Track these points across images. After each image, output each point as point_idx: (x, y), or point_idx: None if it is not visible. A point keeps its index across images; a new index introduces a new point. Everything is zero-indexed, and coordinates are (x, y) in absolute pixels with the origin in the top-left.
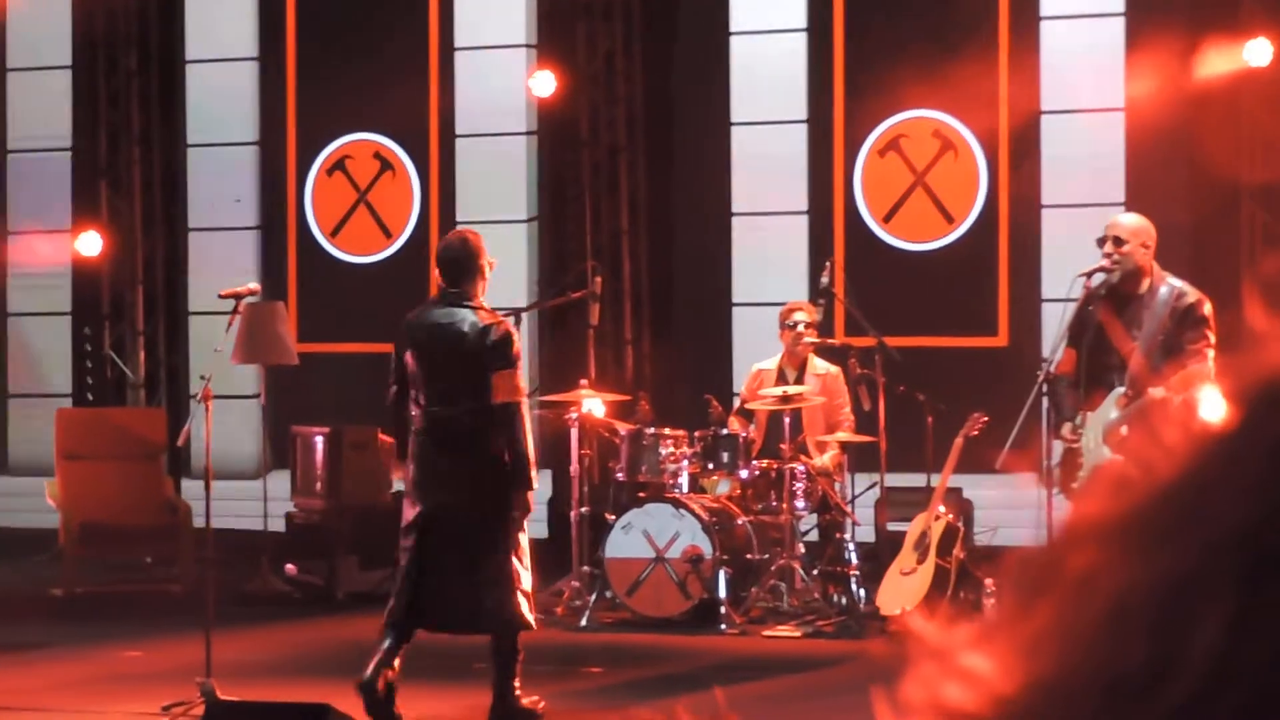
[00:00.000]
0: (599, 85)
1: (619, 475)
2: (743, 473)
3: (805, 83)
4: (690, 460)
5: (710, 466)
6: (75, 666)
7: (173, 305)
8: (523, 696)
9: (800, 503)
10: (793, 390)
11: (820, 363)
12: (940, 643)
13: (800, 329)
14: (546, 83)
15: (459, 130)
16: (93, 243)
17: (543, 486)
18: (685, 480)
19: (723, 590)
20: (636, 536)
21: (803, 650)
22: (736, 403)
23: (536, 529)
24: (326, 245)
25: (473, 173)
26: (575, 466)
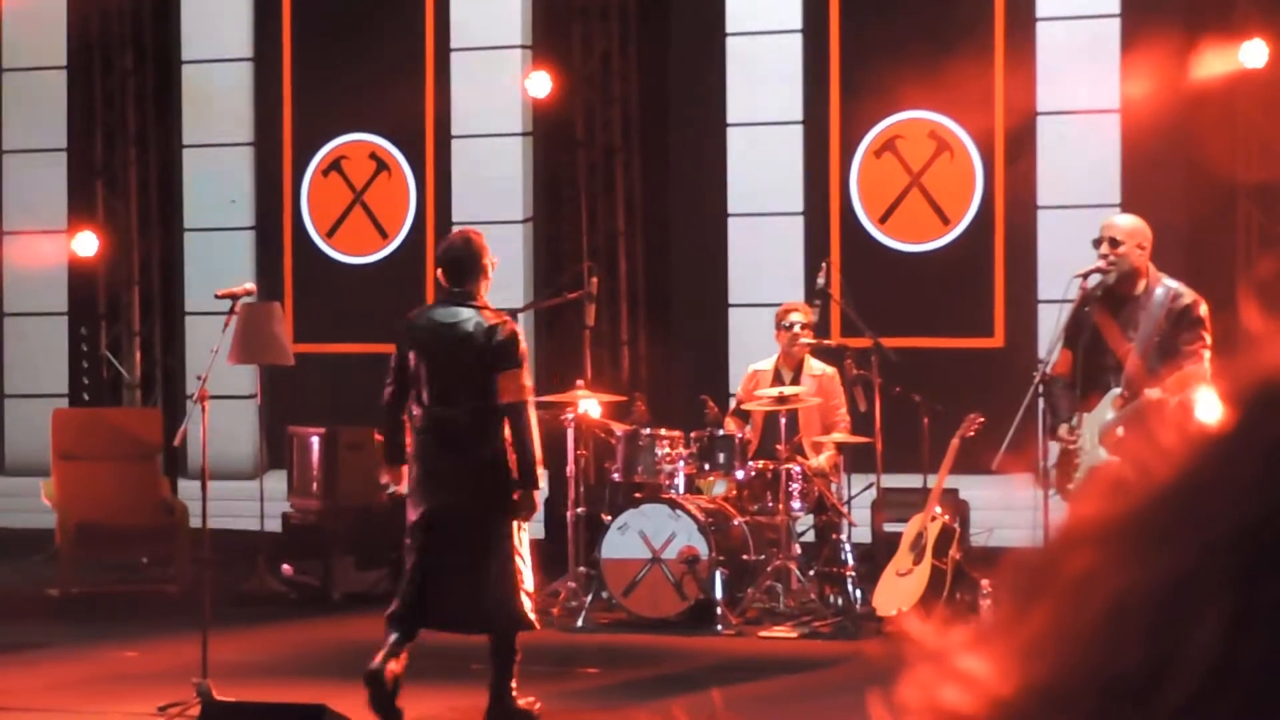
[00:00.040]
0: (595, 86)
1: (615, 476)
2: (739, 473)
3: (801, 84)
4: (686, 461)
5: (706, 467)
6: (71, 667)
7: (169, 306)
8: (519, 697)
9: (796, 503)
10: (789, 391)
11: (816, 363)
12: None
13: (796, 330)
14: (542, 83)
15: (455, 131)
16: (89, 243)
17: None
18: (681, 481)
19: (719, 591)
20: (633, 537)
21: (799, 651)
22: (733, 403)
23: (533, 530)
24: (322, 246)
25: (468, 173)
26: (571, 467)
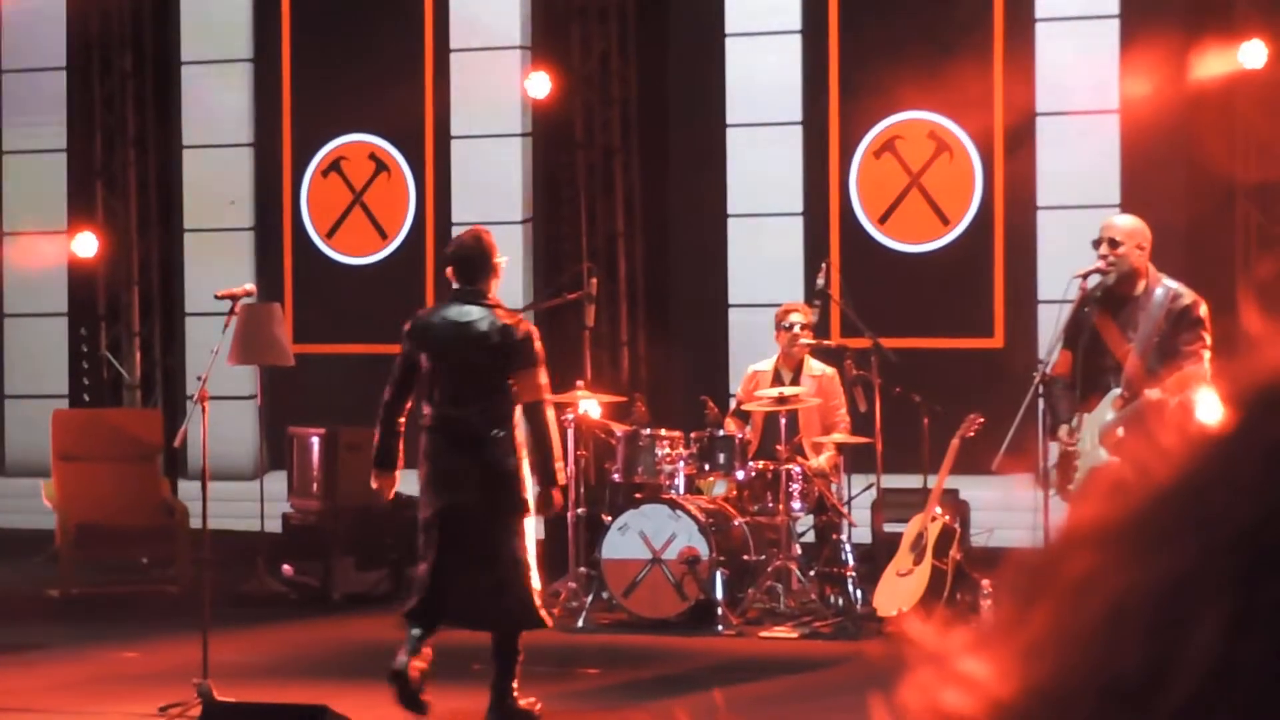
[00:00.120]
0: (594, 87)
1: (615, 476)
2: (739, 474)
3: (800, 84)
4: (686, 461)
5: (706, 468)
6: (72, 668)
7: (168, 306)
8: (520, 698)
9: (797, 504)
10: (789, 392)
11: (816, 364)
12: (938, 647)
13: (796, 330)
14: (541, 84)
15: (454, 131)
16: (88, 244)
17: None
18: (681, 481)
19: (719, 591)
20: (633, 538)
21: (799, 651)
22: (733, 404)
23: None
24: (322, 246)
25: (468, 174)
26: (571, 468)
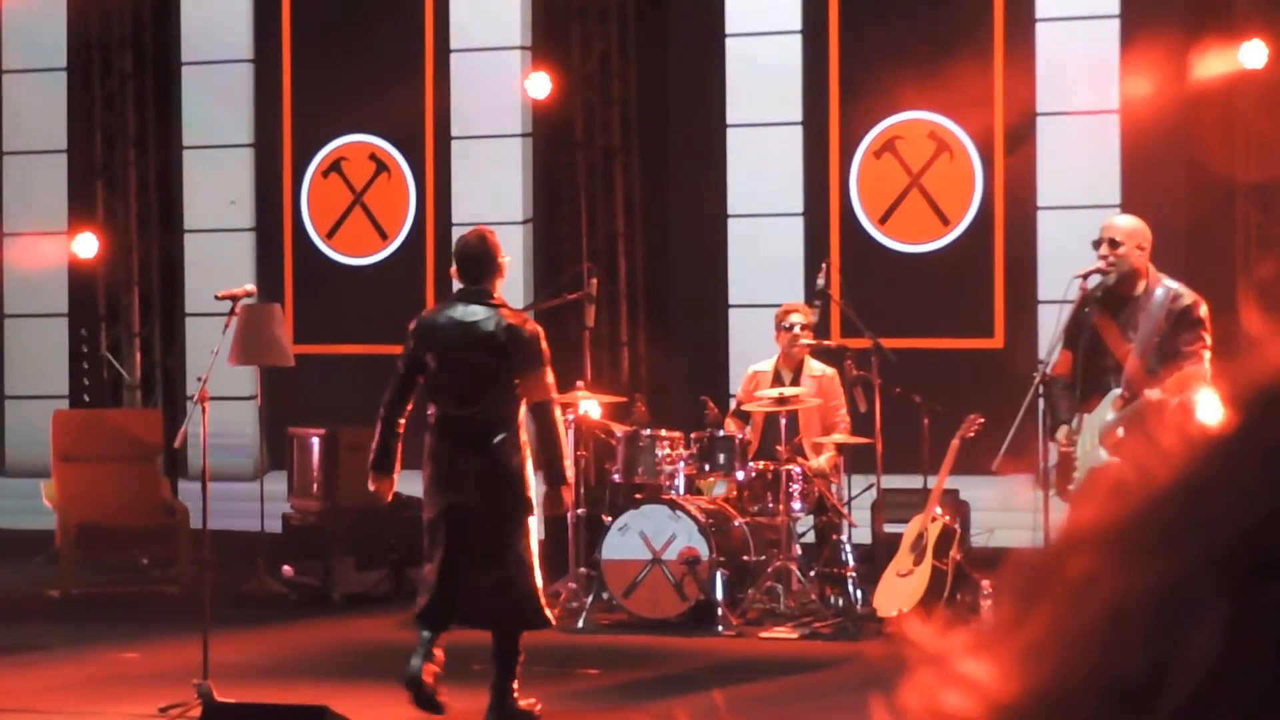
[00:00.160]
0: (594, 87)
1: (615, 477)
2: (739, 474)
3: (800, 84)
4: (686, 462)
5: (706, 468)
6: (72, 668)
7: (169, 307)
8: (521, 698)
9: (797, 504)
10: (789, 392)
11: (816, 364)
12: (938, 648)
13: (796, 331)
14: (541, 84)
15: (454, 132)
16: (89, 244)
17: (540, 487)
18: (681, 482)
19: (719, 592)
20: (633, 538)
21: (799, 652)
22: (733, 404)
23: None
24: (322, 247)
25: (468, 174)
26: (572, 469)
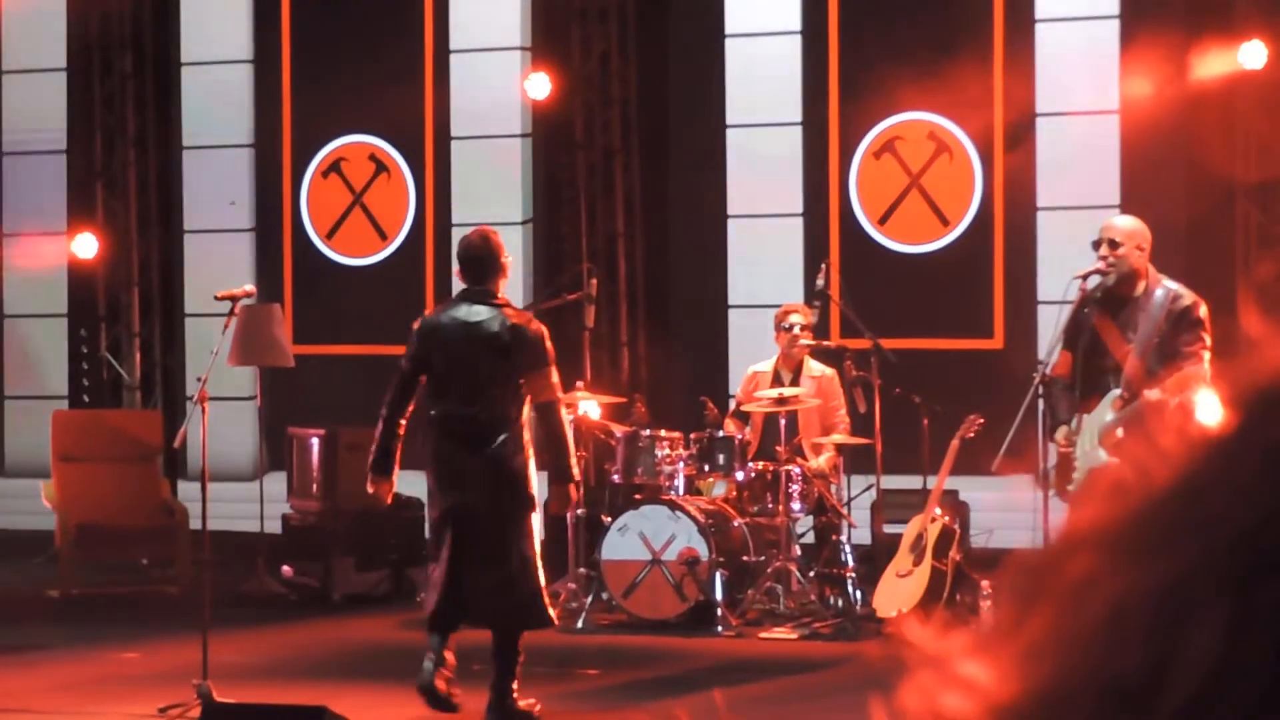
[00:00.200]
0: (594, 87)
1: (615, 477)
2: (739, 475)
3: (800, 85)
4: (686, 462)
5: (706, 468)
6: (72, 668)
7: (168, 307)
8: (520, 699)
9: (796, 505)
10: (788, 392)
11: (816, 365)
12: (937, 650)
13: (796, 331)
14: (541, 85)
15: (454, 132)
16: (88, 245)
17: (540, 488)
18: (681, 482)
19: (719, 592)
20: (632, 539)
21: (799, 652)
22: (732, 405)
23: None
24: (322, 247)
25: (468, 175)
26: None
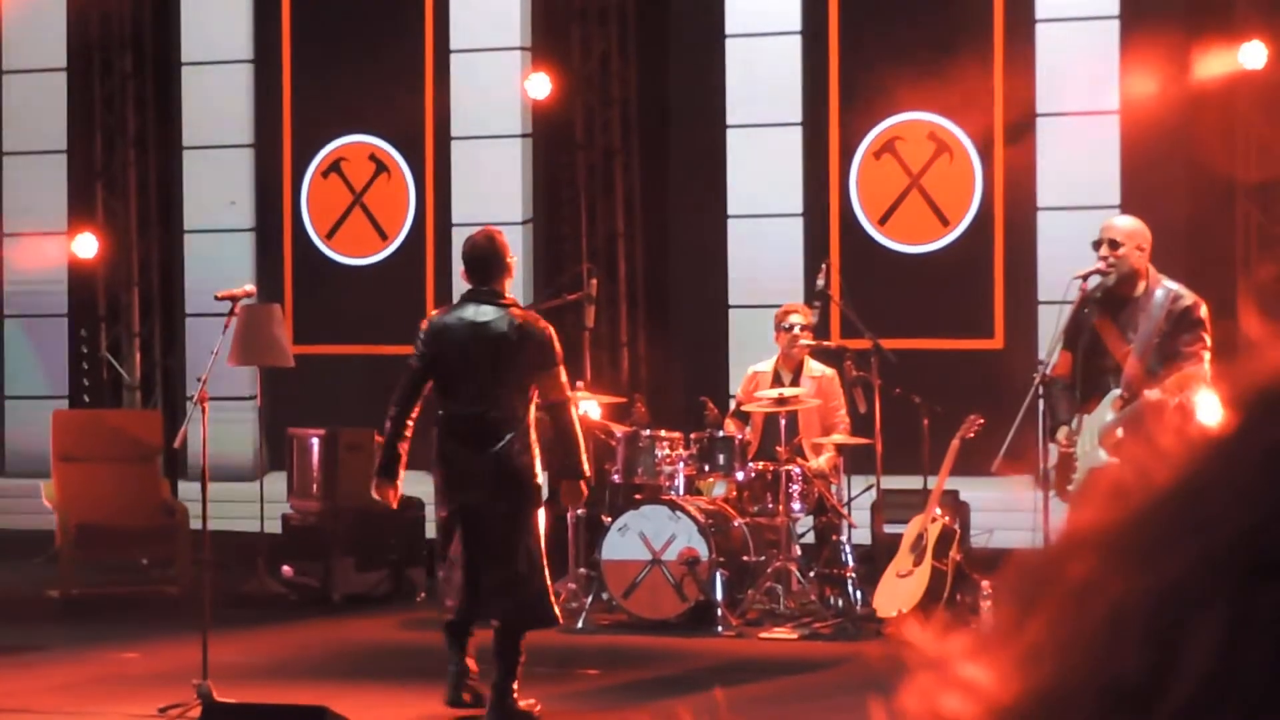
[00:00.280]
0: (594, 88)
1: (615, 477)
2: (739, 475)
3: (800, 85)
4: (686, 462)
5: (706, 469)
6: (72, 668)
7: (169, 307)
8: (520, 699)
9: (796, 505)
10: (788, 393)
11: (816, 365)
12: (938, 652)
13: (796, 331)
14: (541, 85)
15: (454, 132)
16: (88, 245)
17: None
18: (681, 482)
19: (719, 592)
20: (633, 539)
21: (799, 652)
22: (732, 405)
23: None
24: (322, 247)
25: (468, 175)
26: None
